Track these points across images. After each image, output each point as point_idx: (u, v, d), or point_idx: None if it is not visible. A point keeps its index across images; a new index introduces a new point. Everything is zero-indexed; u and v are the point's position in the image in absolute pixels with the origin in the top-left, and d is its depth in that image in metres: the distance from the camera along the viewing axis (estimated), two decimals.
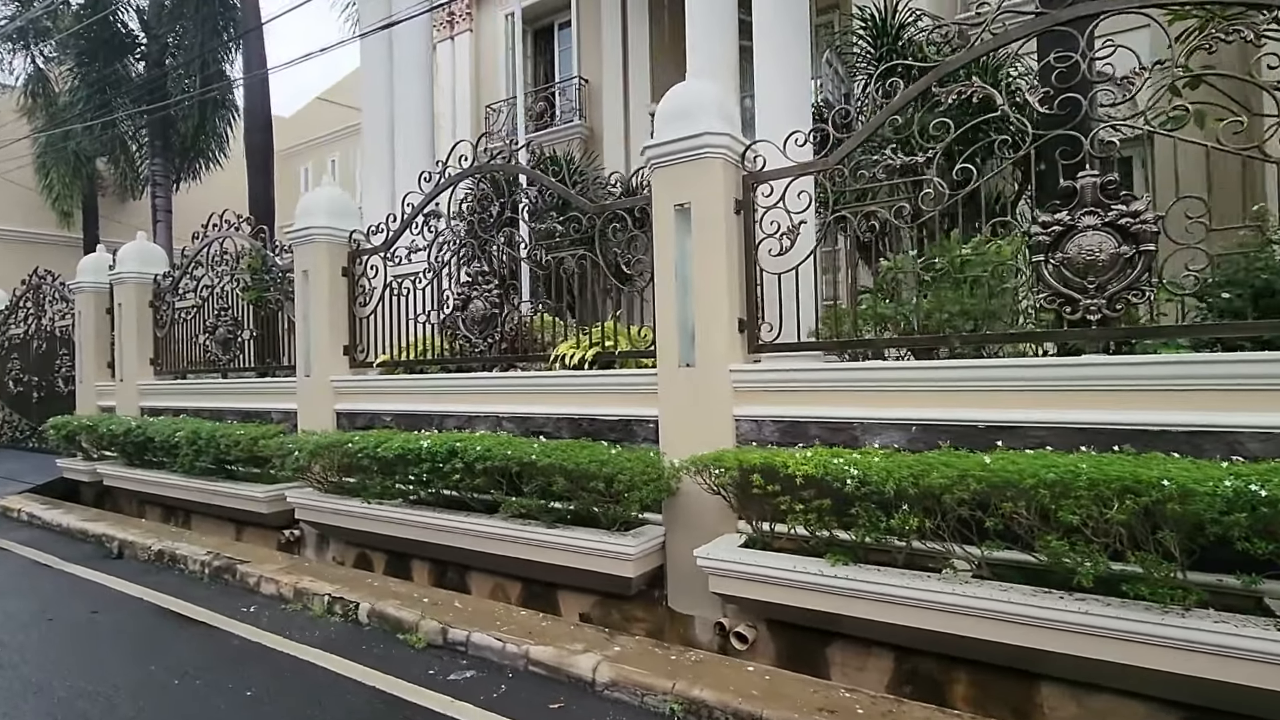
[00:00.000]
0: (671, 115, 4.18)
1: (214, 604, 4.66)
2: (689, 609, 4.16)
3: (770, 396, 3.98)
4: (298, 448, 5.44)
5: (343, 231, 6.39)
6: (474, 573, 5.11)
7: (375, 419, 6.04)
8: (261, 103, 9.39)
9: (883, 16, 8.28)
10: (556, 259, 5.03)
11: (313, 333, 6.36)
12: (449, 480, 4.52)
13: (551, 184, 4.97)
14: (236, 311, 7.60)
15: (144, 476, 7.40)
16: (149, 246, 8.85)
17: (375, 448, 4.84)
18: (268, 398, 7.01)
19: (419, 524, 4.90)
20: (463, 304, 5.53)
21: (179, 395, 8.18)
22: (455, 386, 5.44)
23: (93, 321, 9.28)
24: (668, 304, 4.25)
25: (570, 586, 4.58)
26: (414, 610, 4.06)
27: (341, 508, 5.41)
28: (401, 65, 7.80)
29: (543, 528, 4.29)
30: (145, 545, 5.89)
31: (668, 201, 4.23)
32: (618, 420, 4.61)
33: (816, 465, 3.18)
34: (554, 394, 4.89)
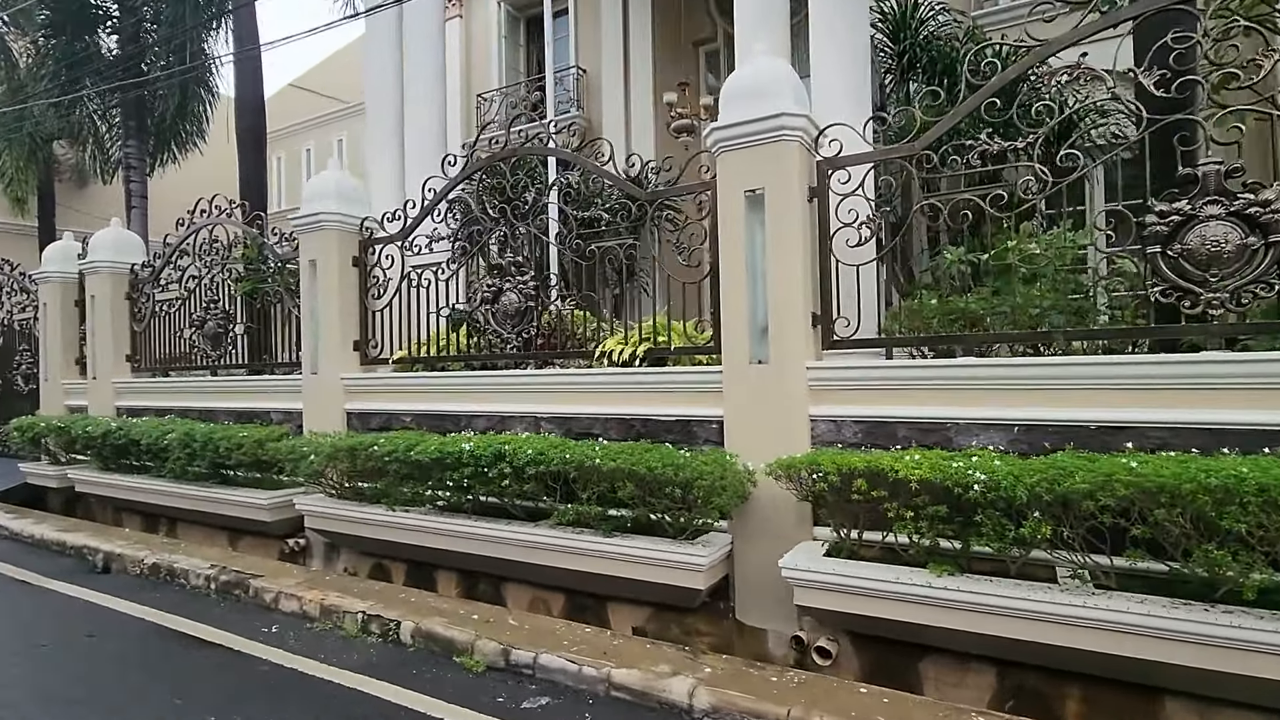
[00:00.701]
0: (743, 94, 3.91)
1: (228, 624, 4.22)
2: (760, 622, 3.90)
3: (852, 395, 3.75)
4: (313, 450, 5.01)
5: (354, 218, 5.96)
6: (509, 584, 4.77)
7: (393, 420, 5.64)
8: (253, 84, 8.77)
9: (903, 10, 8.17)
10: (601, 249, 4.72)
11: (321, 327, 5.91)
12: (494, 486, 4.18)
13: (599, 169, 4.65)
14: (228, 304, 7.08)
15: (123, 482, 6.82)
16: (124, 234, 8.23)
17: (407, 451, 4.46)
18: (267, 397, 6.52)
19: (452, 533, 4.54)
20: (493, 296, 5.18)
21: (161, 394, 7.60)
22: (486, 385, 5.08)
23: (59, 314, 8.60)
24: (736, 297, 3.98)
25: (623, 598, 4.28)
26: (465, 629, 3.71)
27: (359, 515, 5.01)
28: (412, 42, 7.35)
29: (599, 536, 3.99)
30: (136, 558, 5.38)
31: (737, 188, 3.96)
32: (675, 421, 4.32)
33: (932, 469, 2.95)
34: (601, 393, 4.58)
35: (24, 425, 7.81)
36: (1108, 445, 3.13)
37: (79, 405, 8.46)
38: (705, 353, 4.38)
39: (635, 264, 4.66)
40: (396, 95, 7.36)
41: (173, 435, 6.00)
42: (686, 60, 11.86)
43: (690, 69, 11.90)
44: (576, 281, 5.00)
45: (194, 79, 10.24)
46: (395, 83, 7.39)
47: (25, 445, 7.88)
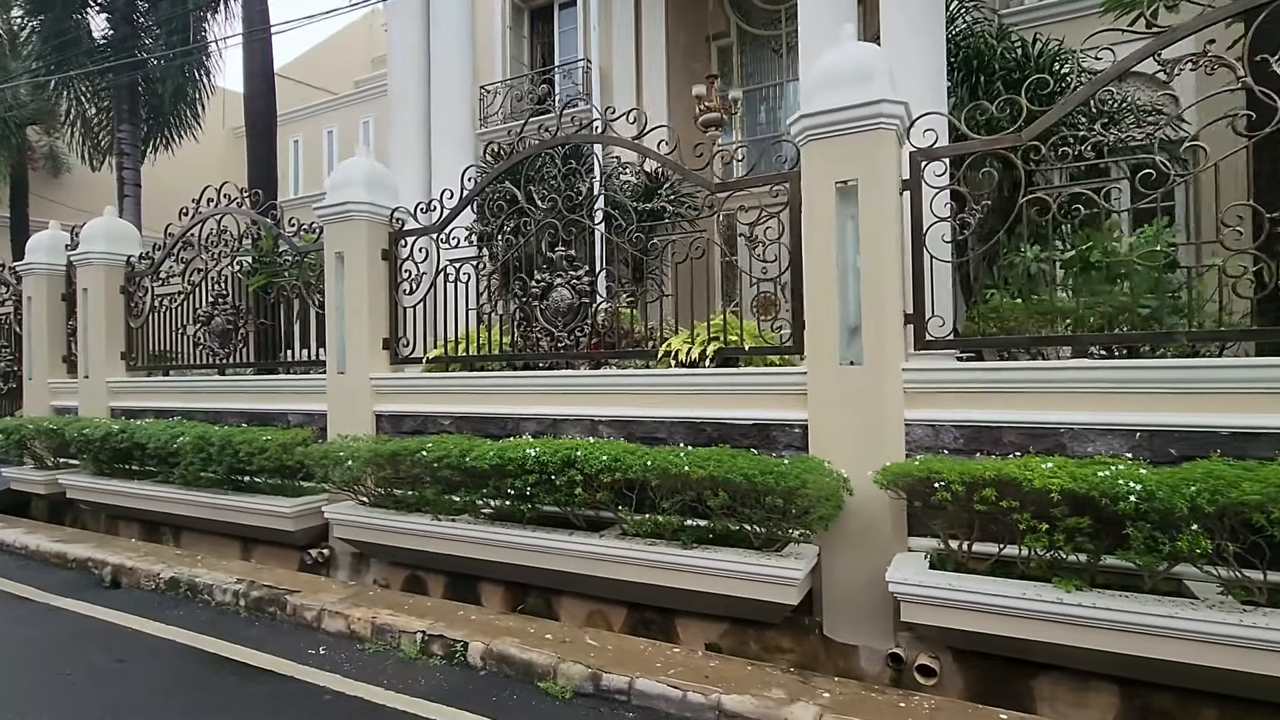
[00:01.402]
0: (836, 79, 3.69)
1: (269, 645, 3.88)
2: (851, 638, 3.69)
3: (952, 399, 3.56)
4: (350, 455, 4.68)
5: (384, 208, 5.62)
6: (563, 597, 4.50)
7: (428, 422, 5.32)
8: (263, 65, 8.29)
9: None
10: (663, 242, 4.47)
11: (348, 325, 5.56)
12: (561, 495, 3.90)
13: (664, 159, 4.40)
14: (237, 299, 6.67)
15: (123, 488, 6.38)
16: (119, 223, 7.73)
17: (462, 456, 4.17)
18: (285, 398, 6.14)
19: (503, 544, 4.25)
20: (543, 292, 4.89)
21: (162, 394, 7.14)
22: (538, 386, 4.80)
23: (45, 309, 8.07)
24: (824, 294, 3.76)
25: (693, 613, 4.04)
26: (542, 650, 3.43)
27: (397, 525, 4.69)
28: (441, 21, 7.01)
29: (676, 548, 3.74)
30: (150, 572, 4.98)
31: (826, 179, 3.74)
32: (751, 425, 4.09)
33: (1073, 479, 2.76)
34: (668, 395, 4.33)
35: (8, 427, 7.28)
36: (1242, 452, 2.98)
37: (67, 406, 7.94)
38: (782, 353, 4.17)
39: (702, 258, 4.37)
40: (422, 81, 7.01)
41: (185, 438, 5.60)
42: (699, 55, 11.65)
43: (702, 64, 11.69)
44: (634, 277, 4.75)
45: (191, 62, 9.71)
46: (420, 66, 7.04)
47: (10, 449, 7.35)
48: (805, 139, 3.81)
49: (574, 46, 12.65)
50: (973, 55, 7.81)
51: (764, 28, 11.33)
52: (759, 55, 11.45)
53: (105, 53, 9.05)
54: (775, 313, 4.28)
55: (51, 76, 9.20)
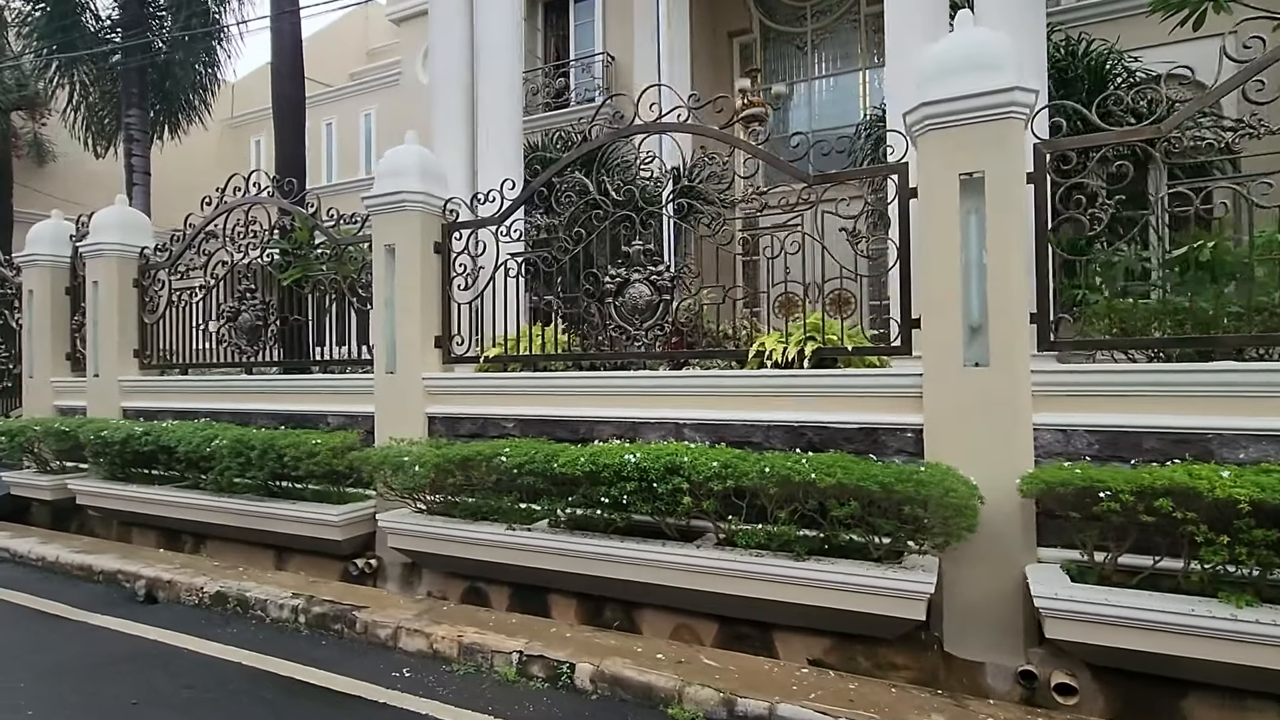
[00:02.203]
0: (961, 66, 3.50)
1: (345, 667, 3.58)
2: (976, 654, 3.50)
3: (1087, 402, 3.39)
4: (415, 461, 4.38)
5: (438, 199, 5.33)
6: (645, 609, 4.26)
7: (489, 425, 5.03)
8: (292, 46, 7.85)
9: None
10: (754, 237, 4.25)
11: (399, 322, 5.25)
12: (662, 503, 3.66)
13: (755, 149, 4.19)
14: (267, 294, 6.31)
15: (142, 494, 5.98)
16: (132, 213, 7.31)
17: (548, 462, 3.91)
18: (324, 398, 5.80)
19: (587, 554, 4.00)
20: (618, 288, 4.65)
21: (182, 394, 6.75)
22: (616, 387, 4.54)
23: (48, 303, 7.60)
24: (943, 292, 3.57)
25: (795, 627, 3.83)
26: (661, 671, 3.18)
27: (463, 534, 4.41)
28: (484, 9, 6.72)
29: (786, 560, 3.52)
30: (191, 585, 4.63)
31: (949, 170, 3.56)
32: (857, 429, 3.89)
33: (1260, 488, 2.60)
34: (763, 397, 4.12)
35: (12, 429, 6.82)
36: None
37: (72, 406, 7.49)
38: (887, 354, 3.97)
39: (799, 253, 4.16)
40: (464, 66, 6.71)
41: (221, 442, 5.24)
42: (720, 51, 11.48)
43: (724, 60, 11.52)
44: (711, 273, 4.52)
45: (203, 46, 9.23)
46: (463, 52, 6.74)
47: (13, 451, 6.88)
48: (924, 128, 3.62)
49: (590, 41, 12.37)
50: None
51: (788, 24, 11.18)
52: (782, 52, 11.29)
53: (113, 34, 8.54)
54: (849, 311, 4.10)
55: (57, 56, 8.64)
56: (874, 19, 10.75)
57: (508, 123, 6.47)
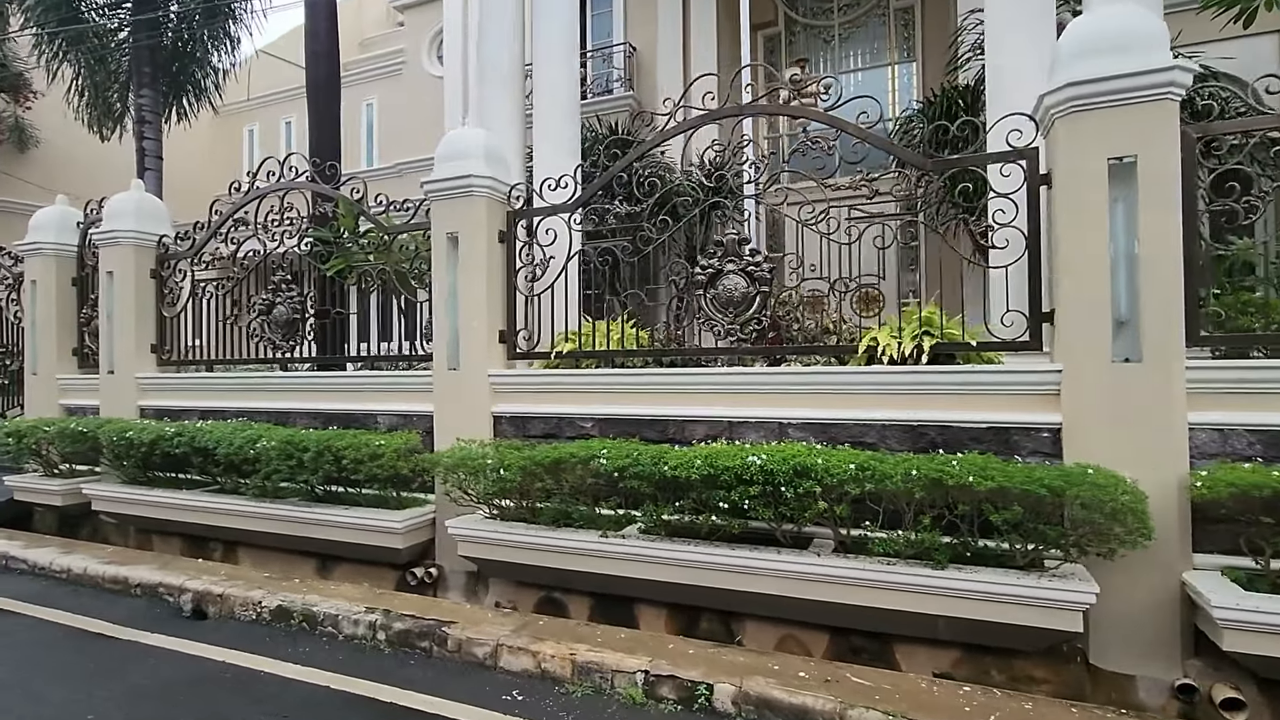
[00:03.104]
0: (1109, 45, 3.31)
1: (448, 690, 3.27)
2: (1128, 667, 3.31)
3: (1247, 400, 3.22)
4: (499, 464, 4.07)
5: (504, 185, 5.01)
6: (745, 620, 4.01)
7: (564, 425, 4.74)
8: (327, 24, 7.41)
9: None
10: (861, 227, 4.02)
11: (463, 315, 4.93)
12: (789, 508, 3.42)
13: (865, 134, 3.95)
14: (305, 286, 5.93)
15: (170, 500, 5.56)
16: (150, 199, 6.85)
17: (655, 464, 3.63)
18: (375, 396, 5.44)
19: (689, 563, 3.74)
20: (709, 279, 4.39)
21: (206, 393, 6.32)
22: (711, 385, 4.28)
23: (54, 295, 7.11)
24: (1086, 283, 3.38)
25: (918, 639, 3.60)
26: (813, 693, 2.93)
27: (546, 541, 4.11)
28: None
29: (925, 569, 3.30)
30: (248, 599, 4.25)
31: (1093, 155, 3.36)
32: (986, 428, 3.68)
33: None
34: (877, 395, 3.89)
35: (21, 429, 6.32)
36: None
37: (80, 406, 7.01)
38: (1014, 349, 3.76)
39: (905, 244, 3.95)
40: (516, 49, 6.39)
41: (268, 443, 4.86)
42: (756, 41, 11.23)
43: (750, 53, 11.29)
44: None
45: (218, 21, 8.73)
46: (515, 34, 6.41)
47: (21, 454, 6.39)
48: (1067, 110, 3.42)
49: (607, 31, 12.08)
50: None
51: (814, 18, 11.01)
52: (808, 45, 11.12)
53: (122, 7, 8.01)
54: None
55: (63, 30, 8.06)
56: (902, 13, 10.64)
57: (565, 106, 6.16)
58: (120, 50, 8.91)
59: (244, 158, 16.62)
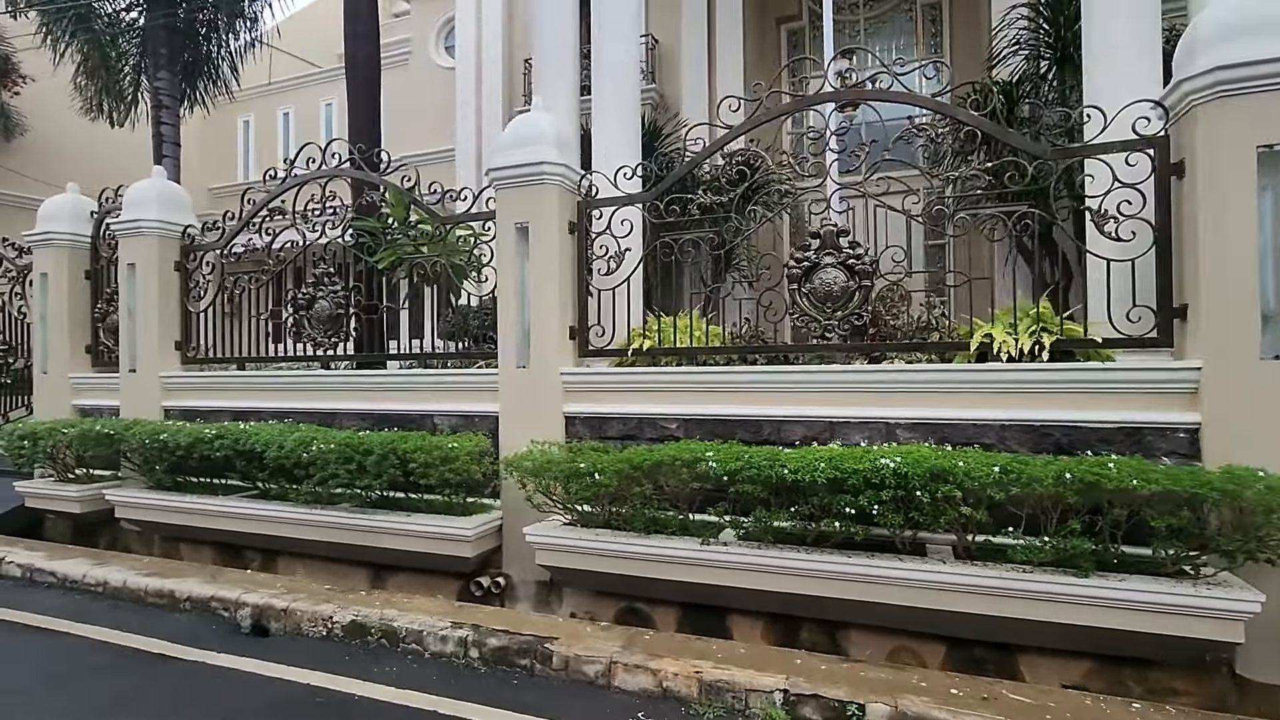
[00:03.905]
0: (1254, 25, 3.16)
1: (566, 713, 3.02)
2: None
3: None
4: (591, 468, 3.82)
5: (576, 173, 4.77)
6: (850, 630, 3.82)
7: (645, 426, 4.51)
8: (368, 3, 7.06)
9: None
10: (980, 216, 3.85)
11: (533, 311, 4.67)
12: (921, 514, 3.23)
13: (982, 123, 3.78)
14: (349, 279, 5.62)
15: (209, 507, 5.22)
16: (173, 187, 6.47)
17: (771, 467, 3.42)
18: (432, 396, 5.16)
19: (798, 571, 3.54)
20: (804, 273, 4.18)
21: (239, 392, 5.98)
22: (811, 383, 4.07)
23: (65, 289, 6.70)
24: (1233, 276, 3.23)
25: (1044, 649, 3.44)
26: (978, 712, 2.74)
27: (639, 549, 3.88)
28: None
29: (1068, 577, 3.12)
30: (316, 614, 3.95)
31: (1242, 143, 3.22)
32: (1115, 428, 3.52)
33: None
34: (995, 394, 3.72)
35: (34, 432, 5.91)
36: None
37: (95, 406, 6.62)
38: (1141, 346, 3.61)
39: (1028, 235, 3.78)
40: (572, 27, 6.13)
41: (325, 446, 4.55)
42: (768, 38, 11.10)
43: (771, 46, 11.15)
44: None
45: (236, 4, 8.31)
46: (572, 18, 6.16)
47: (37, 458, 5.98)
48: (1211, 96, 3.27)
49: None
50: None
51: (839, 12, 10.85)
52: (834, 40, 10.96)
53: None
54: None
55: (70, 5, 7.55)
56: (929, 9, 10.55)
57: (627, 92, 5.91)
58: (131, 31, 8.43)
59: (238, 150, 16.07)
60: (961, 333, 4.13)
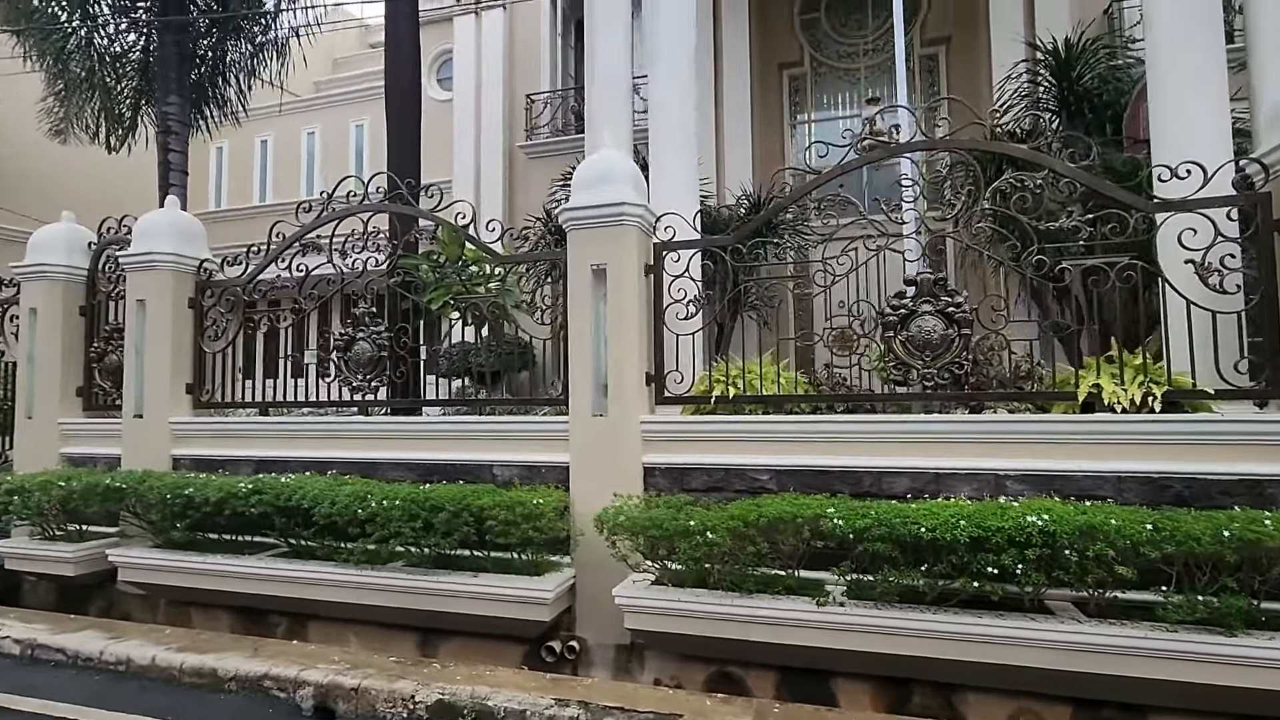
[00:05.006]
0: None
1: None
2: None
3: None
4: (705, 526, 3.60)
5: (651, 214, 4.63)
6: (967, 692, 3.67)
7: (732, 477, 4.31)
8: (410, 27, 6.75)
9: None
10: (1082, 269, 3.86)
11: (611, 356, 4.47)
12: (1069, 573, 3.13)
13: (1081, 175, 3.82)
14: (393, 319, 5.30)
15: (234, 568, 4.76)
16: (188, 218, 6.05)
17: (904, 524, 3.28)
18: (491, 445, 4.85)
19: (916, 633, 3.38)
20: (901, 320, 4.12)
21: (261, 440, 5.53)
22: (908, 434, 3.97)
23: (58, 325, 6.14)
24: None
25: (1178, 710, 3.36)
26: None
27: (737, 611, 3.66)
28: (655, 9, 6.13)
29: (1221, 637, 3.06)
30: (394, 692, 3.56)
31: None
32: (1237, 480, 3.52)
33: None
34: (1111, 445, 3.69)
35: (23, 486, 5.28)
36: None
37: (89, 454, 6.04)
38: (1253, 397, 3.65)
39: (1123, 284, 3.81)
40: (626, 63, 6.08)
41: (387, 502, 4.20)
42: (770, 81, 11.32)
43: (773, 90, 11.37)
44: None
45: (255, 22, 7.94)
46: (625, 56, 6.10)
47: (30, 515, 5.36)
48: None
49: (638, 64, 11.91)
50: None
51: (838, 60, 11.21)
52: (835, 87, 11.31)
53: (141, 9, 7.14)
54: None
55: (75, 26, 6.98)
56: (927, 60, 10.96)
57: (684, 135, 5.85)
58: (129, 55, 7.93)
59: (210, 178, 15.41)
60: (1059, 381, 4.11)
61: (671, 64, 5.99)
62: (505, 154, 11.83)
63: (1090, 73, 8.11)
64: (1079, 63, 8.09)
